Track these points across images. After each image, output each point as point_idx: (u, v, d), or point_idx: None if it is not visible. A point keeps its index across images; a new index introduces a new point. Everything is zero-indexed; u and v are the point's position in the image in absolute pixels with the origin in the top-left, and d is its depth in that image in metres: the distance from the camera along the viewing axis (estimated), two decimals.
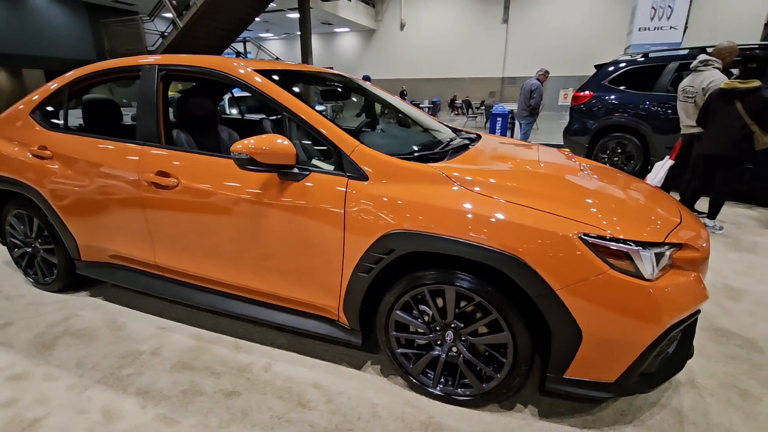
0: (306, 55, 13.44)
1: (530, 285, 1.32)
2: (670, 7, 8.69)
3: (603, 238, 1.29)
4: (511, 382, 1.50)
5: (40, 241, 2.46)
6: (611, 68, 5.47)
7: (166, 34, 12.01)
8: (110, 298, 2.46)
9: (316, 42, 27.09)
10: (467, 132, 2.54)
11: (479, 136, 2.38)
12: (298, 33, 26.97)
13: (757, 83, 3.26)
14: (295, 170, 1.63)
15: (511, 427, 1.51)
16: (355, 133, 1.78)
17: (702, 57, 3.67)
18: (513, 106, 12.06)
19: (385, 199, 1.50)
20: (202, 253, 1.92)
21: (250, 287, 1.88)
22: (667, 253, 1.34)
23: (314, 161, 1.73)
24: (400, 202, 1.48)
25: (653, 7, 8.78)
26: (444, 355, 1.58)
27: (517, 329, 1.42)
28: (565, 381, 1.41)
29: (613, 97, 5.36)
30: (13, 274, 2.76)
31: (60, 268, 2.42)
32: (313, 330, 1.78)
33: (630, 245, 1.28)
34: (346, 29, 25.33)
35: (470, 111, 16.47)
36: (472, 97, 20.04)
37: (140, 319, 2.23)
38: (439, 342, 1.60)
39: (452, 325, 1.54)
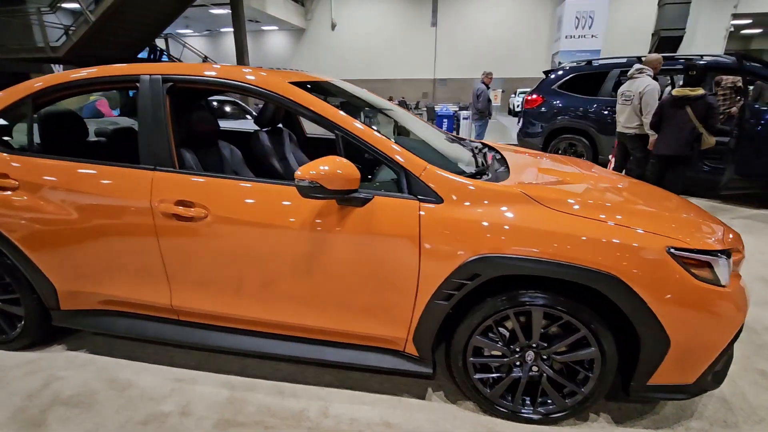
0: (241, 54, 12.67)
1: (625, 301, 1.35)
2: (590, 17, 9.65)
3: (687, 250, 1.35)
4: (595, 395, 1.52)
5: None
6: (559, 74, 5.90)
7: (72, 28, 10.53)
8: (96, 350, 2.06)
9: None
10: (470, 141, 2.55)
11: (487, 145, 2.39)
12: (221, 30, 25.54)
13: (702, 91, 3.74)
14: (360, 195, 1.49)
15: None
16: None
17: (637, 66, 4.17)
18: (451, 107, 12.55)
19: (466, 222, 1.43)
20: (238, 292, 1.68)
21: (296, 324, 1.69)
22: (732, 258, 1.45)
23: (376, 184, 1.60)
24: (485, 224, 1.42)
25: (576, 17, 9.67)
26: (525, 376, 1.56)
27: (606, 344, 1.44)
28: (649, 388, 1.47)
29: (562, 101, 5.79)
30: None
31: (28, 321, 1.97)
32: (375, 364, 1.66)
33: (711, 255, 1.37)
34: (275, 27, 24.40)
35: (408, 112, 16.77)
36: (406, 99, 20.50)
37: (147, 373, 1.90)
38: (518, 363, 1.57)
39: (534, 345, 1.52)
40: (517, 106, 17.22)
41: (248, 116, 6.82)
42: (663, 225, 1.43)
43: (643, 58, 4.50)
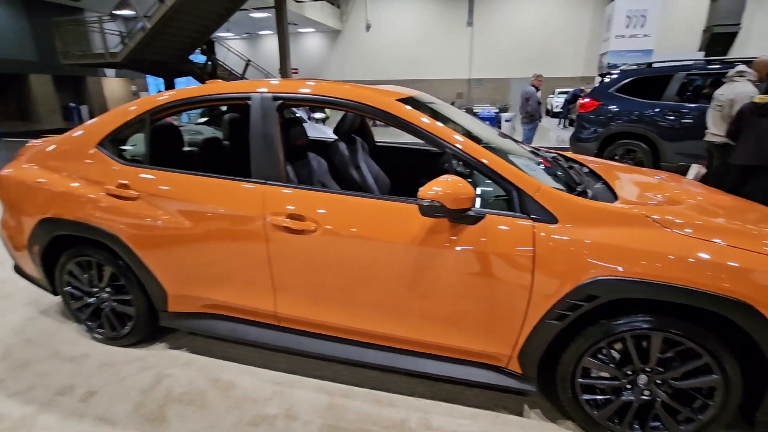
0: (284, 56, 12.98)
1: (756, 329, 1.31)
2: (643, 16, 9.26)
3: None
4: (715, 423, 1.48)
5: (110, 290, 2.14)
6: (617, 77, 5.71)
7: (126, 35, 11.12)
8: (196, 350, 2.19)
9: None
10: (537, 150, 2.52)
11: (564, 157, 2.36)
12: (260, 33, 26.20)
13: None
14: (472, 213, 1.51)
15: None
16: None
17: (740, 68, 3.88)
18: (492, 108, 12.37)
19: (584, 243, 1.43)
20: (342, 302, 1.74)
21: (400, 336, 1.73)
22: None
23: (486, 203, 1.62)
24: (604, 246, 1.41)
25: (628, 16, 9.31)
26: (637, 400, 1.54)
27: (731, 371, 1.40)
28: None
29: (620, 105, 5.60)
30: (60, 327, 2.39)
31: (138, 320, 2.11)
32: (476, 379, 1.67)
33: None
34: (311, 30, 24.82)
35: None
36: (441, 99, 20.32)
37: (246, 375, 2.00)
38: (629, 386, 1.55)
39: (648, 370, 1.50)
40: (556, 107, 16.76)
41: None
42: None
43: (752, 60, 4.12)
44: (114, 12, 11.51)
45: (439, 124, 1.64)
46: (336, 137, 2.65)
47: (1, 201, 2.23)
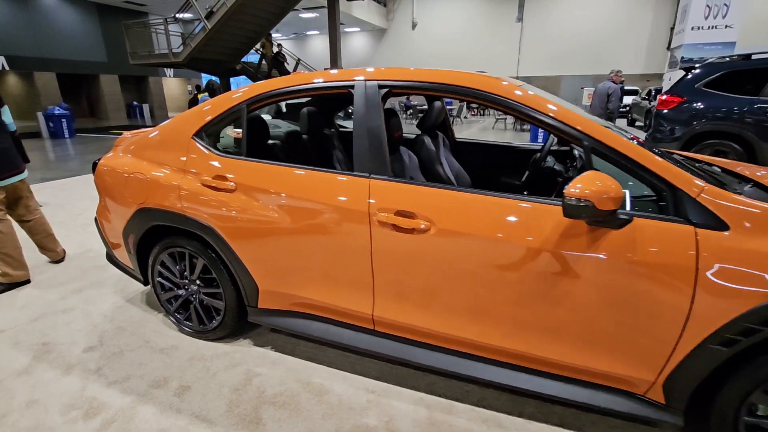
0: (335, 55, 13.07)
1: None
2: (725, 5, 8.44)
3: None
4: None
5: (201, 283, 2.12)
6: (705, 71, 5.18)
7: (187, 36, 11.60)
8: (280, 349, 2.12)
9: (325, 42, 26.74)
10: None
11: (680, 154, 2.07)
12: (307, 33, 26.72)
13: None
14: (621, 216, 1.31)
15: None
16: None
17: None
18: None
19: (763, 254, 1.19)
20: (452, 310, 1.59)
21: (517, 351, 1.56)
22: None
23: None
24: None
25: (708, 6, 8.53)
26: None
27: None
28: None
29: (709, 101, 5.08)
30: (149, 318, 2.41)
31: (227, 315, 2.08)
32: (604, 405, 1.47)
33: None
34: (357, 29, 24.99)
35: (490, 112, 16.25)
36: None
37: (337, 380, 1.90)
38: None
39: None
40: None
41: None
42: None
43: None
44: (177, 15, 12.04)
45: (573, 113, 1.46)
46: (419, 132, 2.52)
47: (99, 190, 2.28)
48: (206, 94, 6.59)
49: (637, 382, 1.43)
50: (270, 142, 2.42)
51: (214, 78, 10.45)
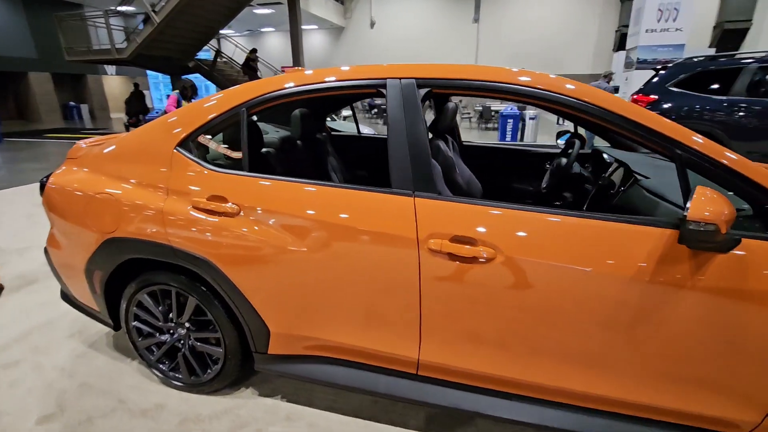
0: (297, 53, 12.53)
1: None
2: (675, 9, 8.93)
3: None
4: None
5: (192, 326, 1.73)
6: (675, 71, 5.35)
7: (132, 30, 10.63)
8: (294, 398, 1.78)
9: (281, 39, 25.86)
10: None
11: None
12: (262, 30, 25.72)
13: None
14: (733, 237, 1.12)
15: None
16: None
17: None
18: (510, 105, 11.99)
19: None
20: (519, 350, 1.35)
21: (595, 394, 1.34)
22: None
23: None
24: None
25: (660, 9, 8.98)
26: None
27: None
28: None
29: (680, 101, 5.24)
30: (121, 368, 1.97)
31: (227, 363, 1.71)
32: None
33: None
34: (315, 27, 24.36)
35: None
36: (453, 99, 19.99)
37: None
38: None
39: None
40: None
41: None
42: None
43: None
44: (120, 8, 10.99)
45: (663, 119, 1.25)
46: (432, 135, 2.26)
47: (50, 216, 1.81)
48: (177, 91, 6.00)
49: (740, 423, 1.26)
50: (263, 150, 2.07)
51: (188, 77, 9.57)
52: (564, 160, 2.27)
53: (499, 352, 1.36)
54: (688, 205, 1.04)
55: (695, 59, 5.35)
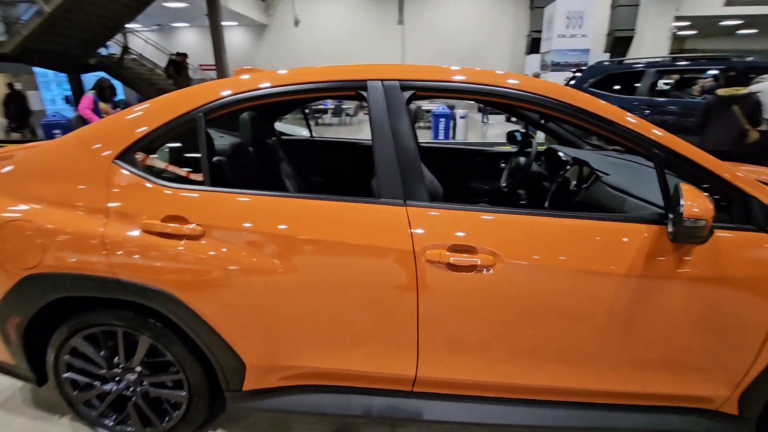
0: (219, 50, 11.71)
1: None
2: (580, 17, 9.89)
3: None
4: None
5: (146, 370, 1.47)
6: (590, 73, 5.90)
7: (15, 20, 9.14)
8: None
9: (197, 36, 24.10)
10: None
11: None
12: (173, 25, 23.75)
13: (747, 90, 3.89)
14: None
15: None
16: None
17: None
18: (441, 105, 12.43)
19: None
20: (520, 356, 1.33)
21: (588, 389, 1.37)
22: None
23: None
24: None
25: (568, 17, 9.89)
26: None
27: None
28: None
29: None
30: (47, 429, 1.62)
31: (192, 407, 1.48)
32: (681, 427, 1.38)
33: None
34: (235, 23, 23.05)
35: None
36: None
37: None
38: None
39: None
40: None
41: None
42: None
43: None
44: None
45: (645, 121, 1.31)
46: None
47: None
48: (93, 92, 5.22)
49: (713, 399, 1.37)
50: (214, 159, 1.84)
51: (106, 75, 8.27)
52: (523, 159, 2.34)
53: (503, 359, 1.33)
54: (682, 202, 1.08)
55: (605, 63, 5.95)
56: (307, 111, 4.45)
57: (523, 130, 2.82)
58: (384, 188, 1.29)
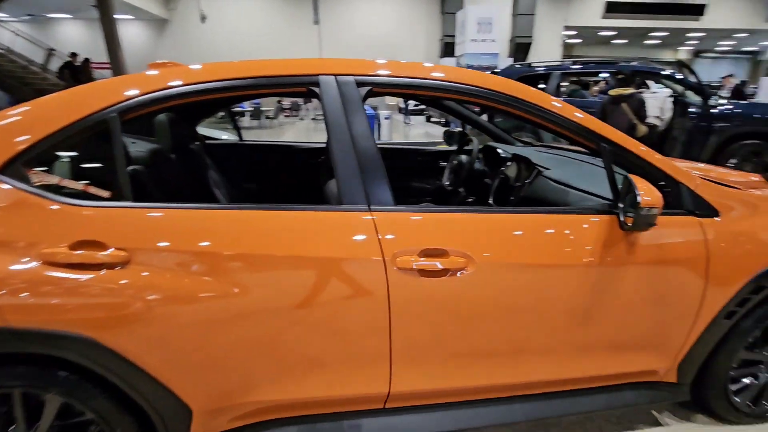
0: (112, 44, 10.38)
1: None
2: (489, 23, 10.61)
3: None
4: None
5: None
6: (506, 75, 6.31)
7: None
8: None
9: (81, 29, 21.24)
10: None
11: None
12: (48, 15, 20.64)
13: (632, 90, 4.50)
14: None
15: None
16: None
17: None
18: (366, 106, 12.44)
19: (750, 233, 1.37)
20: (490, 356, 1.31)
21: (554, 379, 1.40)
22: None
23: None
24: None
25: (478, 23, 10.54)
26: None
27: None
28: None
29: None
30: None
31: None
32: (634, 401, 1.48)
33: None
34: (130, 17, 20.70)
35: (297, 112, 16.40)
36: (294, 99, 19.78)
37: None
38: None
39: None
40: (407, 104, 18.04)
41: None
42: None
43: None
44: None
45: (587, 114, 1.36)
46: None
47: None
48: None
49: (658, 371, 1.48)
50: (130, 169, 1.56)
51: None
52: (464, 157, 2.37)
53: (480, 361, 1.30)
54: (638, 194, 1.14)
55: (517, 66, 6.41)
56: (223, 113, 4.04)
57: (460, 129, 2.88)
58: (346, 193, 1.18)
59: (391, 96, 1.79)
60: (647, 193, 1.14)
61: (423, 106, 17.06)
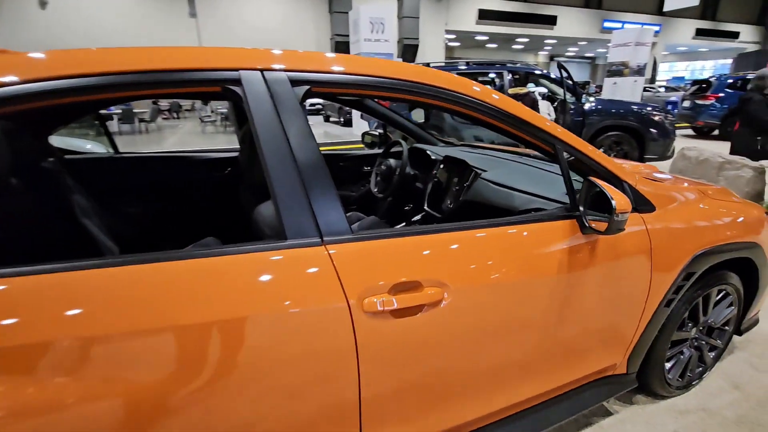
0: None
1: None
2: (381, 23, 10.73)
3: None
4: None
5: None
6: None
7: None
8: None
9: None
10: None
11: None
12: None
13: (526, 90, 4.95)
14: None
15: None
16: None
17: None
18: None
19: (683, 225, 1.46)
20: (474, 385, 1.16)
21: (533, 395, 1.32)
22: None
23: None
24: (698, 224, 1.49)
25: (371, 23, 10.58)
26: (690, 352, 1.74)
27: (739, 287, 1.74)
28: None
29: None
30: None
31: None
32: (595, 401, 1.49)
33: None
34: None
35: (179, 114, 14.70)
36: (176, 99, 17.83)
37: None
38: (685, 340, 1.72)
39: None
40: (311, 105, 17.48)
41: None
42: None
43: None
44: None
45: (546, 120, 1.29)
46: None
47: None
48: None
49: (612, 366, 1.51)
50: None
51: None
52: (393, 161, 2.20)
53: (462, 396, 1.14)
54: (613, 202, 1.09)
55: (431, 65, 6.53)
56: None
57: (380, 131, 2.71)
58: (290, 224, 0.90)
59: (338, 96, 1.52)
60: (618, 199, 1.10)
61: (320, 106, 16.68)
